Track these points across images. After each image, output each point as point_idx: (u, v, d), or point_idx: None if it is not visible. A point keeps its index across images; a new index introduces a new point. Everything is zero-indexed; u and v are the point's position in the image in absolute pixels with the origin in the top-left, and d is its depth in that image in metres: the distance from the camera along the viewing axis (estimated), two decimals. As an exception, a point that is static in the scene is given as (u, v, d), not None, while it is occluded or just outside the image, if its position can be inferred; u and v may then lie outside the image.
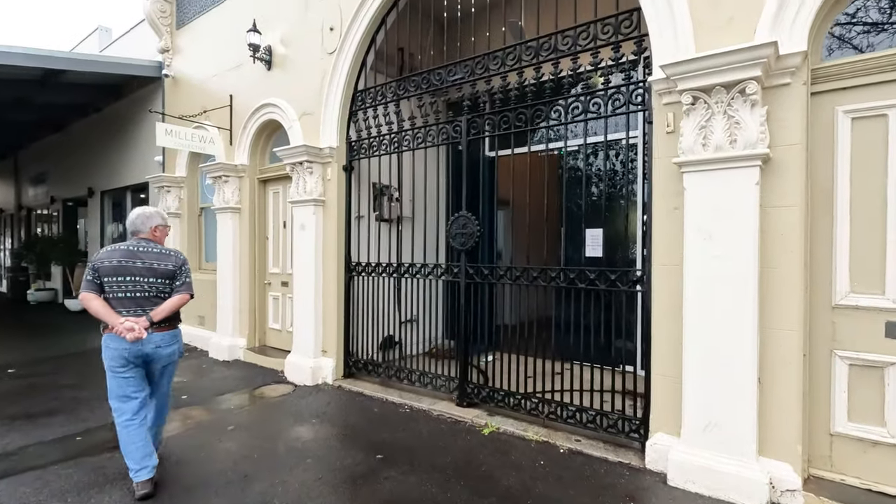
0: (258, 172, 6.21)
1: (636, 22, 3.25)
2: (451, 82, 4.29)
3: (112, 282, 2.73)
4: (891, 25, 2.59)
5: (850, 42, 2.69)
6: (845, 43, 2.70)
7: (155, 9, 7.12)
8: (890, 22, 2.59)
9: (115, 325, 2.64)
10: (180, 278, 2.93)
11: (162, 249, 2.92)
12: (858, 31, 2.67)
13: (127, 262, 2.77)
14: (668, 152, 3.02)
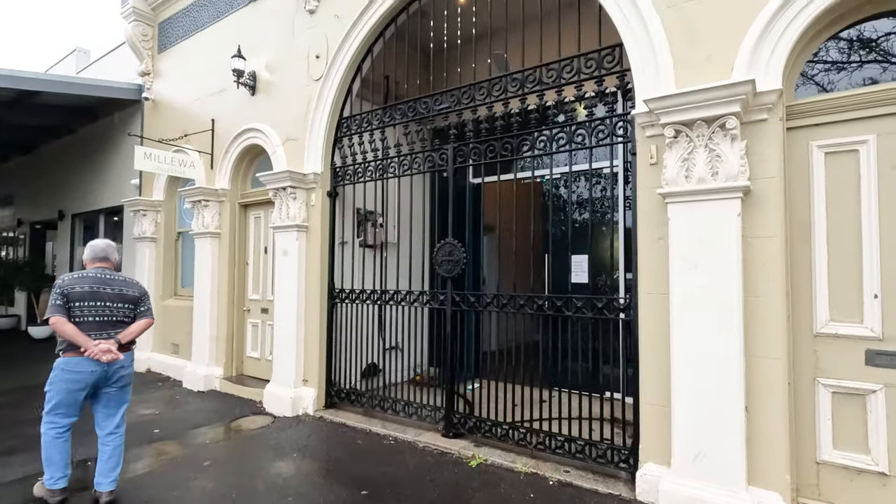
0: (239, 197, 6.12)
1: (618, 57, 3.37)
2: (438, 111, 4.34)
3: (84, 307, 2.90)
4: (857, 66, 2.73)
5: (822, 81, 2.82)
6: (817, 82, 2.83)
7: (136, 32, 7.07)
8: (856, 61, 2.74)
9: (90, 348, 2.82)
10: (144, 304, 3.17)
11: (126, 278, 3.17)
12: (828, 71, 2.81)
13: (99, 288, 2.98)
14: (652, 183, 3.09)
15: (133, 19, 7.05)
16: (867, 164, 2.62)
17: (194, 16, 6.60)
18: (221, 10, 6.21)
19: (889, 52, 2.66)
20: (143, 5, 7.11)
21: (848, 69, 2.76)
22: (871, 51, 2.71)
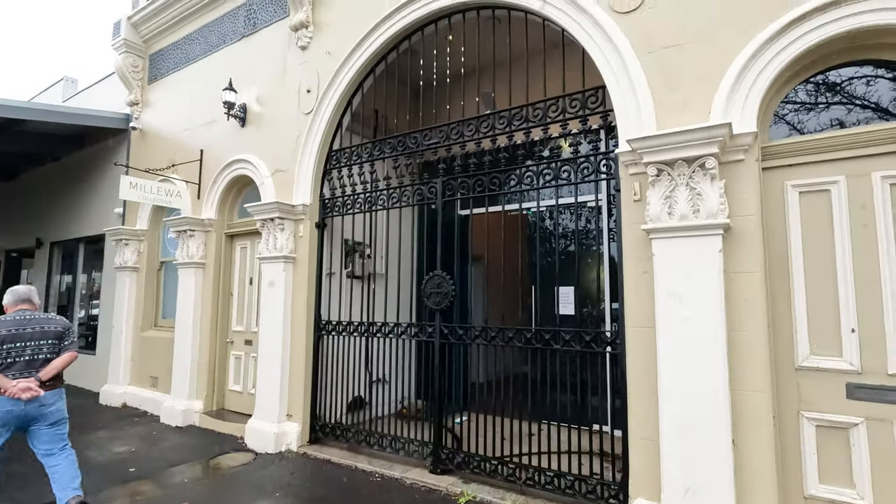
0: (226, 227, 6.09)
1: (602, 98, 3.51)
2: (427, 146, 4.43)
3: (9, 349, 3.02)
4: (826, 110, 2.89)
5: (794, 124, 2.98)
6: (790, 124, 2.98)
7: (127, 64, 7.13)
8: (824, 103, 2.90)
9: (8, 388, 2.90)
10: (68, 338, 3.27)
11: (49, 315, 3.33)
12: (800, 114, 2.96)
13: (19, 329, 3.09)
14: (636, 219, 3.18)
15: (124, 51, 7.11)
16: (839, 203, 2.75)
17: (186, 49, 6.70)
18: (213, 45, 6.32)
19: (854, 97, 2.83)
20: (135, 38, 7.19)
21: (818, 113, 2.92)
22: (839, 96, 2.87)
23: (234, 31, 6.03)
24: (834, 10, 2.65)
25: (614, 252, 4.92)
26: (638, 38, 3.25)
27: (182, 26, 6.75)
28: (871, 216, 2.66)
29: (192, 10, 6.49)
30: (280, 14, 5.52)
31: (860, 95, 2.82)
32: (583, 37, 3.47)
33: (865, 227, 2.68)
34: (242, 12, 5.95)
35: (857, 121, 2.81)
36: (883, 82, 2.76)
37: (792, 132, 2.97)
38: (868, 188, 2.68)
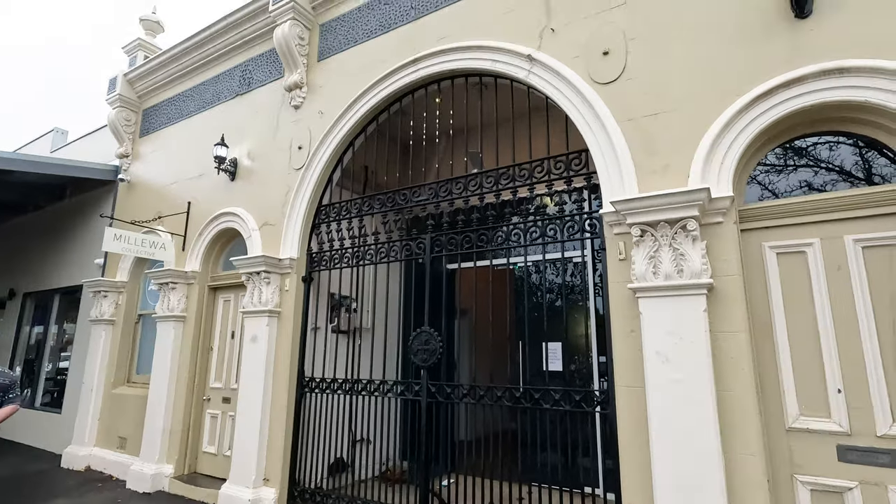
0: (209, 279, 6.00)
1: (585, 161, 3.66)
2: (416, 202, 4.51)
3: None
4: (798, 175, 3.05)
5: (769, 188, 3.12)
6: (765, 188, 3.13)
7: (120, 118, 7.24)
8: (792, 166, 3.06)
9: None
10: (14, 391, 3.45)
11: None
12: (773, 179, 3.12)
13: None
14: (622, 277, 3.23)
15: (118, 106, 7.25)
16: (815, 264, 2.85)
17: (180, 105, 6.86)
18: (208, 101, 6.48)
19: (823, 163, 3.00)
20: (131, 93, 7.35)
21: (790, 178, 3.08)
22: (808, 162, 3.04)
23: (230, 89, 6.22)
24: (796, 86, 2.86)
25: (600, 305, 4.96)
26: (618, 106, 3.44)
27: (178, 84, 6.94)
28: (847, 278, 2.75)
29: (190, 69, 6.70)
30: (275, 75, 5.73)
31: (828, 162, 2.99)
32: (566, 104, 3.66)
33: (842, 288, 2.76)
34: (238, 72, 6.16)
35: (826, 185, 2.96)
36: (847, 151, 2.94)
37: (767, 196, 3.11)
38: (842, 251, 2.79)
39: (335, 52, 5.25)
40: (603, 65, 3.56)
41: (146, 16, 7.71)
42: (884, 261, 2.70)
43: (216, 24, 6.14)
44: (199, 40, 6.38)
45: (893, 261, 2.68)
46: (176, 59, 6.76)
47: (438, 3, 4.54)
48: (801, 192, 3.01)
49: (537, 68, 3.82)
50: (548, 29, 3.86)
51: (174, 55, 6.73)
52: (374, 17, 5.00)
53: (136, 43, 7.49)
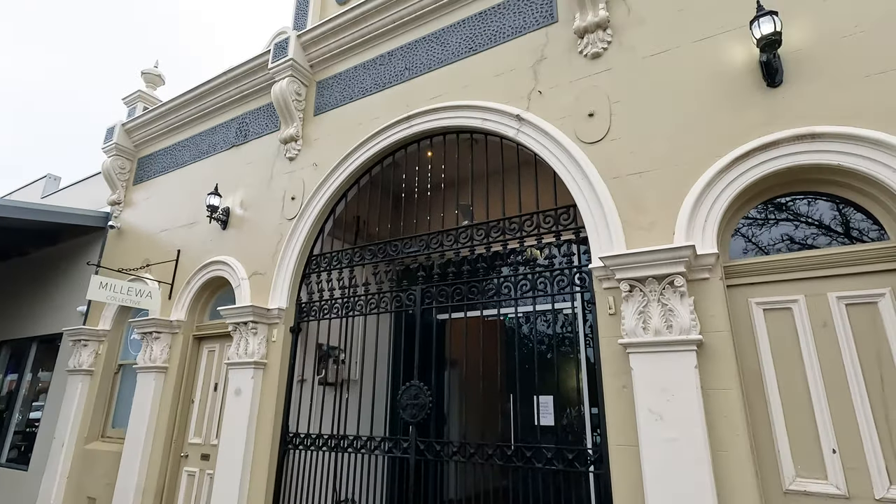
0: (195, 329, 5.88)
1: (573, 216, 3.74)
2: (407, 254, 4.54)
3: None
4: (780, 233, 3.14)
5: (752, 244, 3.20)
6: (748, 245, 3.21)
7: (115, 166, 7.31)
8: (776, 225, 3.15)
9: None
10: None
11: None
12: (756, 236, 3.20)
13: None
14: (613, 332, 3.24)
15: (114, 154, 7.34)
16: (801, 321, 2.88)
17: (176, 154, 6.96)
18: (203, 151, 6.60)
19: (803, 222, 3.09)
20: (127, 142, 7.47)
21: (772, 236, 3.16)
22: (790, 221, 3.13)
23: (226, 140, 6.35)
24: (772, 150, 3.00)
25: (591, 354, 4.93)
26: (604, 165, 3.56)
27: (175, 134, 7.08)
28: (833, 335, 2.79)
29: (188, 121, 6.85)
30: (271, 127, 5.88)
31: (808, 217, 3.08)
32: (554, 162, 3.78)
33: (829, 345, 2.79)
34: (235, 124, 6.32)
35: (808, 239, 3.04)
36: (827, 209, 3.04)
37: (750, 253, 3.18)
38: (826, 308, 2.84)
39: (331, 108, 5.43)
40: (588, 125, 3.72)
41: (148, 69, 7.96)
42: (867, 318, 2.75)
43: (216, 78, 6.35)
44: (198, 93, 6.58)
45: (876, 318, 2.73)
46: (175, 111, 6.93)
47: (431, 65, 4.76)
48: (785, 247, 3.08)
49: (526, 127, 3.97)
50: (535, 91, 4.05)
51: (173, 107, 6.90)
52: (369, 76, 5.21)
53: (137, 94, 7.68)
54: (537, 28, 4.20)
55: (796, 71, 3.08)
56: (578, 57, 3.92)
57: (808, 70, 3.05)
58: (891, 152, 2.70)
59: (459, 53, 4.61)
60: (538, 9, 4.25)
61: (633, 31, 3.74)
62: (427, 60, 4.81)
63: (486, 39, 4.47)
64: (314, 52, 5.63)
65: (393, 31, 5.12)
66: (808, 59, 3.06)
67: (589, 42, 3.86)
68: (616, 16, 3.84)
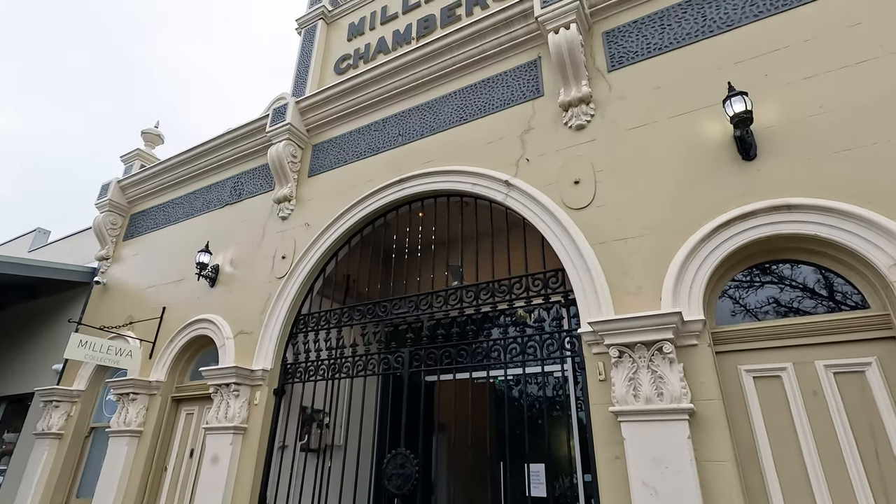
0: (174, 390, 5.68)
1: (562, 279, 3.78)
2: (396, 315, 4.51)
3: None
4: (764, 298, 3.19)
5: (737, 311, 3.23)
6: (734, 312, 3.24)
7: (107, 221, 7.33)
8: (762, 289, 3.20)
9: None
10: None
11: None
12: (741, 303, 3.24)
13: None
14: (603, 399, 3.18)
15: (107, 210, 7.38)
16: (791, 390, 2.87)
17: (169, 211, 7.02)
18: (196, 209, 6.66)
19: (787, 287, 3.14)
20: (121, 199, 7.53)
21: (757, 302, 3.20)
22: (773, 287, 3.18)
23: (220, 199, 6.44)
24: (751, 219, 3.11)
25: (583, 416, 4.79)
26: (590, 230, 3.65)
27: (170, 191, 7.17)
28: (824, 404, 2.77)
29: (184, 179, 6.97)
30: (265, 187, 5.99)
31: (793, 284, 3.13)
32: (542, 226, 3.87)
33: (821, 415, 2.76)
34: (230, 183, 6.44)
35: (794, 303, 3.08)
36: (810, 275, 3.10)
37: (737, 319, 3.21)
38: (815, 376, 2.84)
39: (325, 170, 5.58)
40: (574, 192, 3.84)
41: (148, 129, 8.18)
42: (857, 388, 2.74)
43: (215, 139, 6.53)
44: (196, 153, 6.74)
45: (865, 388, 2.73)
46: (172, 169, 7.06)
47: (424, 132, 4.97)
48: (772, 310, 3.11)
49: (514, 192, 4.10)
50: (523, 159, 4.21)
51: (171, 165, 7.03)
52: (364, 140, 5.41)
53: (135, 152, 7.85)
54: (525, 101, 4.44)
55: (769, 146, 3.26)
56: (564, 128, 4.12)
57: (780, 145, 3.23)
58: (863, 224, 2.81)
59: (451, 122, 4.83)
60: (526, 83, 4.51)
61: (615, 105, 3.96)
62: (420, 127, 5.02)
63: (477, 110, 4.70)
64: (311, 118, 5.85)
65: (388, 100, 5.38)
66: (780, 136, 3.25)
67: (573, 115, 4.07)
68: (598, 91, 4.08)
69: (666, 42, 3.92)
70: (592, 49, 4.27)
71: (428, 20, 5.61)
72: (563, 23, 4.12)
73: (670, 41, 3.91)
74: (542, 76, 4.43)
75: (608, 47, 4.20)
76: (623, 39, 4.15)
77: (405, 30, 5.76)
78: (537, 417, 5.37)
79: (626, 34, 4.15)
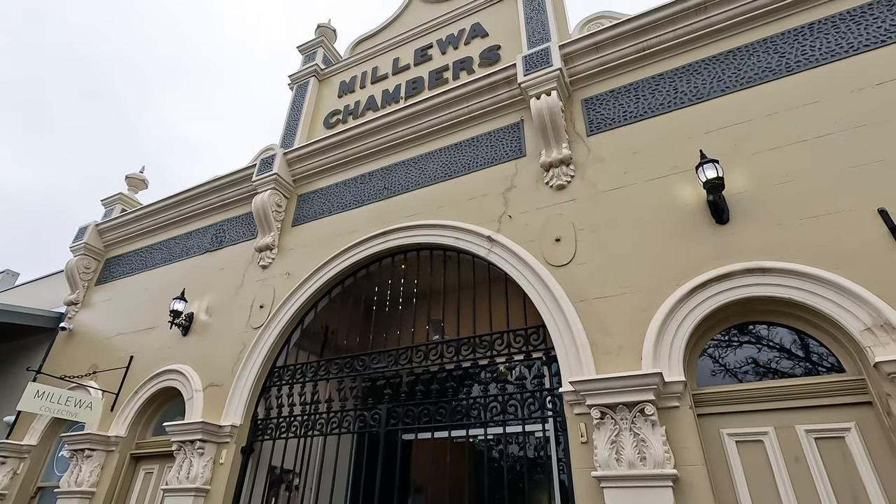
0: (133, 446, 5.33)
1: (543, 336, 3.76)
2: (375, 369, 4.40)
3: None
4: (744, 359, 3.20)
5: (717, 373, 3.23)
6: (714, 373, 3.23)
7: (80, 265, 7.14)
8: (741, 349, 3.21)
9: None
10: None
11: None
12: (721, 364, 3.25)
13: None
14: (586, 463, 3.09)
15: (81, 253, 7.20)
16: (774, 455, 2.83)
17: (146, 256, 6.88)
18: (175, 255, 6.55)
19: (766, 348, 3.16)
20: (98, 243, 7.38)
21: (737, 364, 3.21)
22: (751, 349, 3.20)
23: (200, 245, 6.36)
24: (727, 281, 3.18)
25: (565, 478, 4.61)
26: (571, 288, 3.68)
27: (149, 237, 7.06)
28: (807, 470, 2.72)
29: (165, 224, 6.89)
30: (247, 235, 5.96)
31: (770, 346, 3.16)
32: (523, 282, 3.89)
33: (804, 482, 2.71)
34: (212, 230, 6.39)
35: (772, 367, 3.09)
36: (787, 338, 3.14)
37: (717, 380, 3.20)
38: (796, 441, 2.81)
39: (309, 220, 5.59)
40: (555, 249, 3.91)
41: (133, 174, 8.17)
42: (837, 453, 2.72)
43: (199, 186, 6.54)
44: (180, 199, 6.71)
45: (846, 454, 2.70)
46: (153, 214, 6.99)
47: (409, 186, 5.06)
48: (752, 370, 3.12)
49: (497, 248, 4.14)
50: (506, 215, 4.30)
51: (152, 210, 6.97)
52: (349, 192, 5.47)
53: (117, 197, 7.78)
54: (508, 160, 4.59)
55: (742, 211, 3.39)
56: (545, 187, 4.25)
57: (752, 211, 3.37)
58: (834, 289, 2.89)
59: (436, 177, 4.94)
60: (509, 144, 4.69)
61: (594, 167, 4.12)
62: (405, 182, 5.12)
63: (462, 167, 4.83)
64: (299, 168, 5.94)
65: (375, 155, 5.51)
66: (751, 202, 3.39)
67: (554, 175, 4.21)
68: (578, 154, 4.25)
69: (641, 111, 4.15)
70: (572, 114, 4.49)
71: (416, 82, 5.87)
72: (545, 89, 4.35)
73: (645, 110, 4.14)
74: (525, 138, 4.61)
75: (587, 113, 4.42)
76: (601, 107, 4.38)
77: (394, 90, 6.00)
78: (518, 480, 5.16)
79: (604, 102, 4.39)
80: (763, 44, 3.90)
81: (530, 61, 4.57)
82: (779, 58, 3.78)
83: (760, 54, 3.87)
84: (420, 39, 6.28)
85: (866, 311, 2.77)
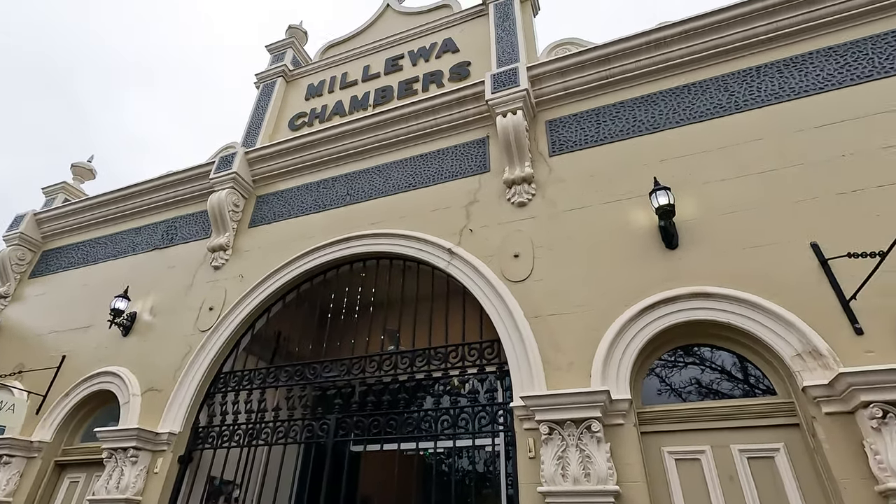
0: (60, 453, 4.97)
1: (497, 351, 3.79)
2: (326, 378, 4.30)
3: None
4: (686, 379, 3.33)
5: (662, 392, 3.34)
6: (659, 392, 3.34)
7: (13, 256, 6.66)
8: (681, 363, 3.34)
9: None
10: None
11: None
12: (665, 384, 3.37)
13: None
14: (533, 479, 3.11)
15: (16, 244, 6.73)
16: (710, 473, 2.94)
17: (88, 250, 6.51)
18: (121, 250, 6.22)
19: (706, 369, 3.31)
20: (35, 233, 6.92)
21: (680, 383, 3.34)
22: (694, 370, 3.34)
23: (149, 241, 6.07)
24: (674, 303, 3.31)
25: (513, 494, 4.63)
26: (527, 303, 3.74)
27: (93, 230, 6.68)
28: (740, 490, 2.84)
29: (113, 218, 6.54)
30: (200, 234, 5.74)
31: (712, 367, 3.30)
32: (481, 296, 3.92)
33: (736, 500, 2.82)
34: (163, 227, 6.12)
35: (713, 388, 3.23)
36: (728, 361, 3.29)
37: (662, 399, 3.31)
38: (731, 460, 2.94)
39: (267, 222, 5.45)
40: (514, 265, 3.96)
41: (79, 162, 7.73)
42: (768, 473, 2.86)
43: (152, 180, 6.27)
44: (130, 192, 6.40)
45: (776, 473, 2.84)
46: (99, 206, 6.63)
47: (372, 194, 5.03)
48: (695, 390, 3.24)
49: (457, 261, 4.16)
50: (467, 229, 4.33)
51: (99, 202, 6.61)
52: (311, 196, 5.38)
53: (61, 185, 7.35)
54: (472, 174, 4.65)
55: (689, 237, 3.56)
56: (507, 203, 4.31)
57: (699, 237, 3.53)
58: (769, 316, 3.06)
59: (400, 187, 4.93)
60: (474, 158, 4.74)
61: (554, 187, 4.23)
62: (369, 189, 5.09)
63: (426, 178, 4.85)
64: (259, 169, 5.79)
65: (339, 160, 5.45)
66: (698, 229, 3.56)
67: (516, 192, 4.29)
68: (539, 173, 4.35)
69: (601, 136, 4.31)
70: (536, 134, 4.60)
71: (385, 91, 5.87)
72: (511, 108, 4.45)
73: (605, 135, 4.29)
74: (490, 153, 4.69)
75: (550, 134, 4.54)
76: (564, 129, 4.51)
77: (363, 97, 5.98)
78: (467, 495, 5.14)
79: (567, 125, 4.52)
80: (715, 81, 4.14)
81: (499, 80, 4.67)
82: (729, 95, 4.02)
83: (713, 91, 4.10)
84: (392, 49, 6.30)
85: (797, 337, 2.94)
